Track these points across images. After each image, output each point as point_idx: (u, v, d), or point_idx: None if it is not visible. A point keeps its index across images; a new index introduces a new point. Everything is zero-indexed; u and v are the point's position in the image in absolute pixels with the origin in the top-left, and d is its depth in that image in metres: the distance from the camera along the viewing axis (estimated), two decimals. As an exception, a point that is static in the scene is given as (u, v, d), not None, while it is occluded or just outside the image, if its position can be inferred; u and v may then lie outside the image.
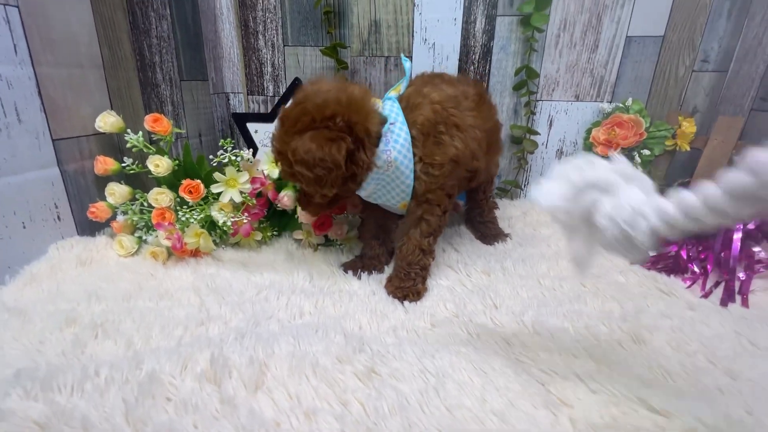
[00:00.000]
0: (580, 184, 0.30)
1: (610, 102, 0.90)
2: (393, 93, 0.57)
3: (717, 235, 0.63)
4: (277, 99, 1.02)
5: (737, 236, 0.62)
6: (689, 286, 0.58)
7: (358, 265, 0.61)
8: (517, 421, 0.33)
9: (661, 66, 0.86)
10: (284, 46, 0.99)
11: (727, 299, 0.55)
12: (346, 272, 0.61)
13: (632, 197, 0.29)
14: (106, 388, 0.36)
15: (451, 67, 0.93)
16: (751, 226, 0.62)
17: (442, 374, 0.38)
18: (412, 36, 0.92)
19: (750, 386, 0.39)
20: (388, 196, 0.56)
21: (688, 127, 0.78)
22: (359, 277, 0.59)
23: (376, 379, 0.37)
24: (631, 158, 0.84)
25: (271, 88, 1.04)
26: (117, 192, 0.64)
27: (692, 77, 0.86)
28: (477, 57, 0.92)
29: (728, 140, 0.75)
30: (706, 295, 0.56)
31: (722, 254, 0.61)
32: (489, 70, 0.92)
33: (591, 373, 0.38)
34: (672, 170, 0.87)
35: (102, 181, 0.67)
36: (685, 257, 0.63)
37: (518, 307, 0.52)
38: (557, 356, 0.43)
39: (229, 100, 1.07)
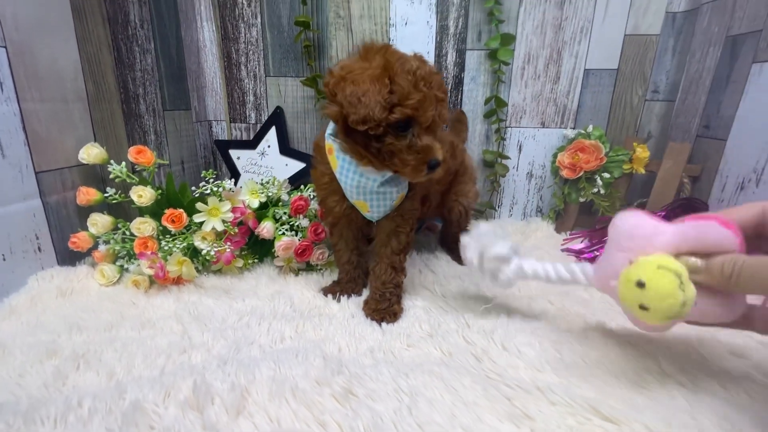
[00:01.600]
0: (489, 255, 0.52)
1: (574, 128, 0.97)
2: None
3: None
4: (259, 126, 1.05)
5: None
6: (646, 301, 0.63)
7: (336, 290, 0.64)
8: (483, 435, 0.36)
9: (617, 95, 0.94)
10: (266, 76, 1.03)
11: (679, 312, 0.59)
12: (326, 296, 0.63)
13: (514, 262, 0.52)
14: (89, 419, 0.37)
15: (425, 97, 0.99)
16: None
17: (415, 393, 0.40)
18: (388, 68, 0.98)
19: (696, 393, 0.43)
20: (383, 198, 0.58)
21: (642, 152, 0.84)
22: (338, 301, 0.62)
23: (353, 400, 0.40)
24: (594, 181, 0.90)
25: (253, 116, 1.07)
26: (99, 222, 0.65)
27: (645, 106, 0.94)
28: (449, 87, 0.98)
29: (678, 164, 0.82)
30: (661, 309, 0.61)
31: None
32: (461, 99, 0.98)
33: (552, 387, 0.41)
34: (632, 191, 0.93)
35: (84, 212, 0.68)
36: (642, 273, 0.68)
37: (489, 326, 0.55)
38: (523, 371, 0.46)
39: (212, 127, 1.09)
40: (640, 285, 0.37)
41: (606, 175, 0.89)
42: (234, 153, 1.05)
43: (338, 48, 0.97)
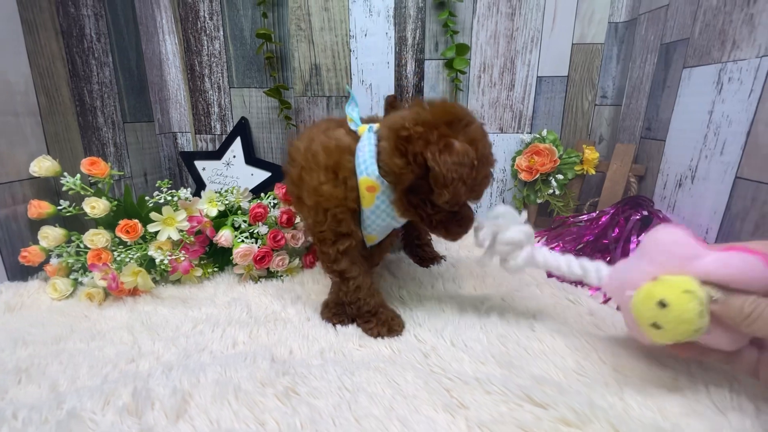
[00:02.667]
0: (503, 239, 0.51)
1: (530, 133, 1.00)
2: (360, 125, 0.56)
3: (617, 247, 0.72)
4: (224, 137, 1.06)
5: (633, 247, 0.71)
6: (592, 295, 0.66)
7: (388, 326, 0.55)
8: (417, 425, 0.37)
9: (569, 101, 0.98)
10: (230, 87, 1.04)
11: (622, 304, 0.62)
12: (377, 338, 0.54)
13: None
14: (23, 430, 0.36)
15: (387, 105, 1.02)
16: (642, 238, 0.71)
17: (357, 389, 0.41)
18: (350, 78, 1.00)
19: (626, 376, 0.45)
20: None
21: (590, 153, 0.88)
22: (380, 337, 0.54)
23: (294, 398, 0.40)
24: (549, 183, 0.94)
25: (218, 127, 1.08)
26: (51, 235, 0.65)
27: (596, 110, 0.99)
28: (410, 96, 1.01)
29: (624, 164, 0.86)
30: (605, 302, 0.64)
31: (622, 264, 0.70)
32: (422, 107, 1.01)
33: (491, 377, 0.43)
34: (585, 191, 0.97)
35: (36, 225, 0.67)
36: (591, 269, 0.71)
37: (440, 324, 0.57)
38: (467, 365, 0.47)
39: (176, 139, 1.09)
40: (662, 305, 0.36)
41: (560, 176, 0.92)
42: (199, 164, 1.05)
43: (300, 59, 0.99)
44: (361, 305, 0.55)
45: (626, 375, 0.46)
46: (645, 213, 0.77)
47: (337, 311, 0.58)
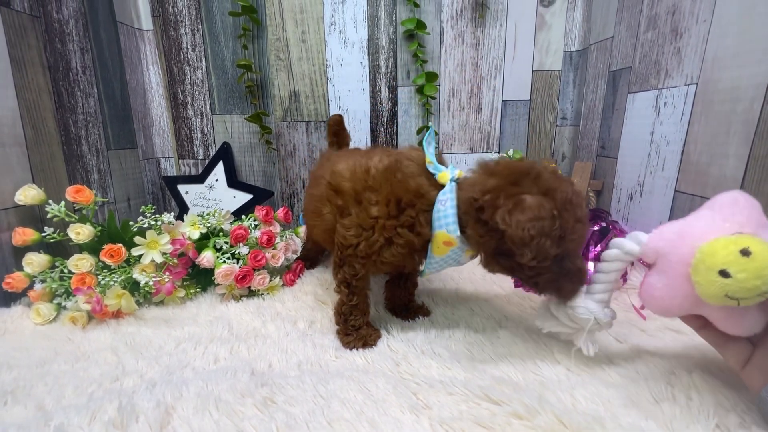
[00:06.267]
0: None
1: (498, 152, 1.07)
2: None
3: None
4: (207, 161, 1.09)
5: (592, 256, 0.77)
6: (555, 302, 0.71)
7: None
8: (385, 425, 0.40)
9: (532, 123, 1.06)
10: (212, 114, 1.08)
11: (581, 310, 0.67)
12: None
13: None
14: (11, 447, 0.38)
15: (364, 129, 1.07)
16: (599, 249, 0.77)
17: (330, 396, 0.45)
18: (328, 104, 1.06)
19: (579, 375, 0.50)
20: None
21: (551, 171, 0.95)
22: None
23: (271, 407, 0.43)
24: (516, 198, 1.00)
25: (201, 151, 1.11)
26: (35, 261, 0.67)
27: (557, 131, 1.07)
28: (385, 120, 1.07)
29: (583, 180, 0.93)
30: (566, 308, 0.68)
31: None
32: (396, 130, 1.07)
33: (454, 380, 0.47)
34: (551, 206, 1.04)
35: (21, 252, 0.69)
36: (554, 278, 0.76)
37: (412, 334, 0.60)
38: (434, 370, 0.51)
39: (160, 164, 1.12)
40: (746, 253, 0.35)
41: (526, 192, 0.99)
42: (182, 188, 1.08)
43: (280, 87, 1.05)
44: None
45: (578, 374, 0.50)
46: (603, 224, 0.84)
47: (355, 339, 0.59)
